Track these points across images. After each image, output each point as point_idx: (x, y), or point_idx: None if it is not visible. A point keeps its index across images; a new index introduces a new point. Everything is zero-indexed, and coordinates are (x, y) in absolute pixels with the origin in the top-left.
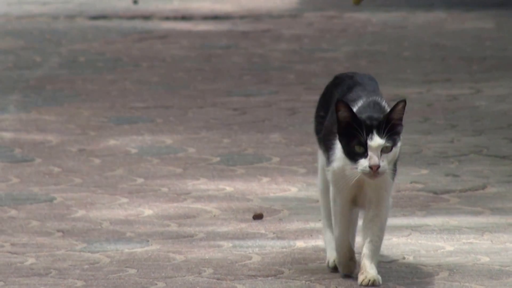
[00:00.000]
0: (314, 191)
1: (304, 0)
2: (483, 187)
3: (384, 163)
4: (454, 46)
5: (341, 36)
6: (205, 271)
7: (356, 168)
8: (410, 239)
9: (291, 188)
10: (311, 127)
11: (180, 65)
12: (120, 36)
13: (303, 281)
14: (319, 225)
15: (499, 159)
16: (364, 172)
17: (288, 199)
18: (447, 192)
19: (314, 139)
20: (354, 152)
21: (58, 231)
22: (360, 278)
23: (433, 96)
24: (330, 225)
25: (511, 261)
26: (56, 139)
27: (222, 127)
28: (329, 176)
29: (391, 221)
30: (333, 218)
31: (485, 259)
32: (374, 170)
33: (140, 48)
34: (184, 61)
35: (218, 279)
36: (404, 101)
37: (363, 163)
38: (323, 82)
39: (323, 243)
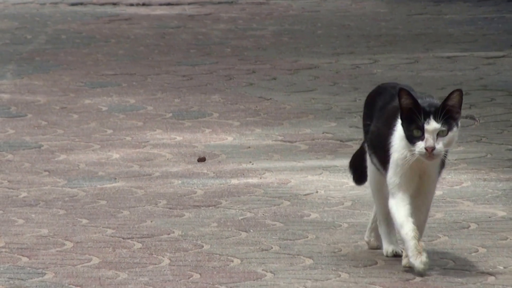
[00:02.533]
0: (246, 140)
1: None
2: None
3: (439, 146)
4: (357, 26)
5: (268, 18)
6: (160, 202)
7: (414, 150)
8: (321, 177)
9: (227, 138)
10: (244, 89)
11: (141, 41)
12: (93, 19)
13: (237, 210)
14: (249, 166)
15: None
16: (420, 154)
17: (225, 146)
18: (351, 140)
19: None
20: (413, 136)
21: (45, 171)
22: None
23: (340, 65)
24: (385, 220)
25: None
26: (43, 99)
27: (174, 90)
28: (390, 172)
29: (308, 163)
30: (395, 209)
31: None
32: (429, 152)
33: (109, 28)
34: (144, 38)
35: (170, 208)
36: (460, 90)
37: (420, 145)
38: (254, 54)
39: (253, 180)
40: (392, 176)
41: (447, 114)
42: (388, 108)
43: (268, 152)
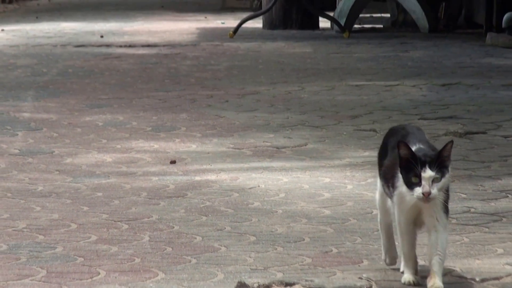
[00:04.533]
0: (206, 147)
1: (200, 35)
2: (305, 144)
3: (434, 191)
4: (289, 62)
5: (222, 57)
6: (142, 194)
7: (413, 194)
8: (262, 175)
9: (192, 145)
10: (204, 109)
11: (127, 74)
12: (92, 57)
13: (199, 200)
14: (208, 167)
15: (315, 128)
16: (418, 198)
17: (190, 152)
18: (284, 147)
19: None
20: (411, 182)
21: (56, 170)
22: (430, 283)
23: (276, 91)
24: (384, 234)
25: (321, 185)
26: (55, 117)
27: (152, 110)
28: (394, 199)
29: (252, 164)
30: (399, 237)
31: (306, 186)
32: (425, 196)
33: (104, 64)
34: (130, 71)
35: (149, 198)
36: (452, 142)
37: (418, 190)
38: (212, 83)
39: (211, 177)
40: (397, 210)
41: (440, 162)
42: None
43: (222, 157)
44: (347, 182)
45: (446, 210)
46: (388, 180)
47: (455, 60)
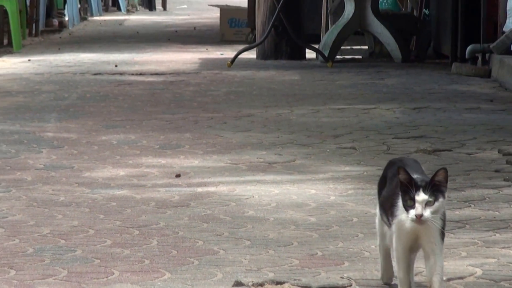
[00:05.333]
0: (207, 163)
1: (201, 65)
2: (294, 160)
3: (427, 213)
4: (279, 88)
5: (221, 83)
6: (150, 204)
7: (408, 216)
8: (256, 187)
9: (195, 161)
10: (205, 129)
11: (138, 98)
12: (108, 84)
13: (201, 208)
14: (209, 180)
15: (302, 146)
16: (412, 219)
17: (193, 167)
18: (275, 163)
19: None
20: (407, 205)
21: (76, 183)
22: None
23: (268, 114)
24: (382, 256)
25: (307, 196)
26: (75, 136)
27: (160, 130)
28: (393, 228)
29: (247, 178)
30: (396, 263)
31: (294, 197)
32: (418, 218)
33: (118, 90)
34: (140, 96)
35: (157, 207)
36: (445, 169)
37: (412, 212)
38: (212, 107)
39: (211, 189)
40: (395, 237)
41: (434, 187)
42: (395, 180)
43: (221, 171)
44: (330, 194)
45: (442, 235)
46: (386, 210)
47: (425, 87)
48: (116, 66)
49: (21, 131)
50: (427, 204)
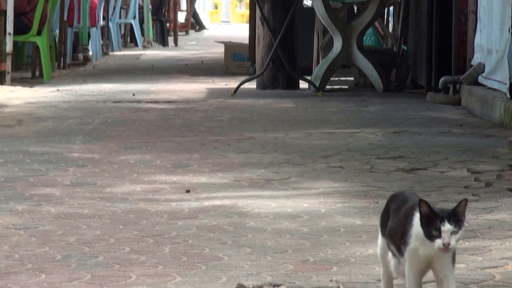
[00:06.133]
0: (213, 180)
1: (208, 94)
2: (289, 178)
3: (453, 242)
4: (276, 115)
5: (225, 110)
6: (163, 216)
7: (434, 245)
8: (256, 201)
9: (202, 179)
10: (212, 151)
11: (153, 123)
12: (126, 110)
13: (208, 220)
14: (215, 195)
15: (296, 165)
16: (439, 248)
17: (201, 183)
18: (273, 180)
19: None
20: (432, 235)
21: (98, 198)
22: None
23: (266, 137)
24: (384, 283)
25: (301, 209)
26: (97, 156)
27: (172, 151)
28: (406, 255)
29: (248, 193)
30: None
31: (289, 210)
32: (446, 247)
33: (135, 116)
34: (155, 121)
35: (169, 219)
36: (466, 200)
37: (438, 242)
38: (217, 130)
39: (217, 203)
40: (408, 265)
41: (457, 217)
42: (404, 209)
43: (225, 187)
44: (321, 207)
45: (454, 261)
46: (396, 240)
47: (403, 113)
48: (133, 95)
49: (51, 152)
50: (452, 233)
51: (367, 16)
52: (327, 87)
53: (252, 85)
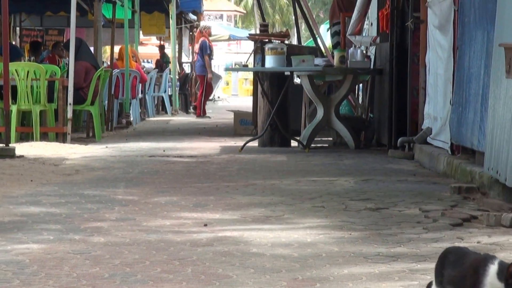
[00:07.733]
0: (225, 216)
1: (221, 150)
2: (283, 215)
3: None
4: (273, 167)
5: (234, 163)
6: (187, 244)
7: None
8: (258, 233)
9: (216, 215)
10: (224, 194)
11: (179, 173)
12: (158, 163)
13: (221, 247)
14: (226, 227)
15: (288, 205)
16: None
17: (215, 219)
18: (271, 216)
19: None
20: None
21: (137, 230)
22: None
23: (266, 184)
24: None
25: (292, 239)
26: (136, 198)
27: (193, 194)
28: None
29: (251, 226)
30: None
31: (283, 239)
32: None
33: (165, 167)
34: (180, 171)
35: (191, 246)
36: None
37: None
38: (228, 178)
39: (227, 234)
40: None
41: None
42: (470, 260)
43: (234, 222)
44: (307, 237)
45: None
46: (464, 287)
47: (370, 165)
48: (164, 151)
49: (100, 194)
50: None
51: (343, 91)
52: (312, 145)
53: (254, 143)
